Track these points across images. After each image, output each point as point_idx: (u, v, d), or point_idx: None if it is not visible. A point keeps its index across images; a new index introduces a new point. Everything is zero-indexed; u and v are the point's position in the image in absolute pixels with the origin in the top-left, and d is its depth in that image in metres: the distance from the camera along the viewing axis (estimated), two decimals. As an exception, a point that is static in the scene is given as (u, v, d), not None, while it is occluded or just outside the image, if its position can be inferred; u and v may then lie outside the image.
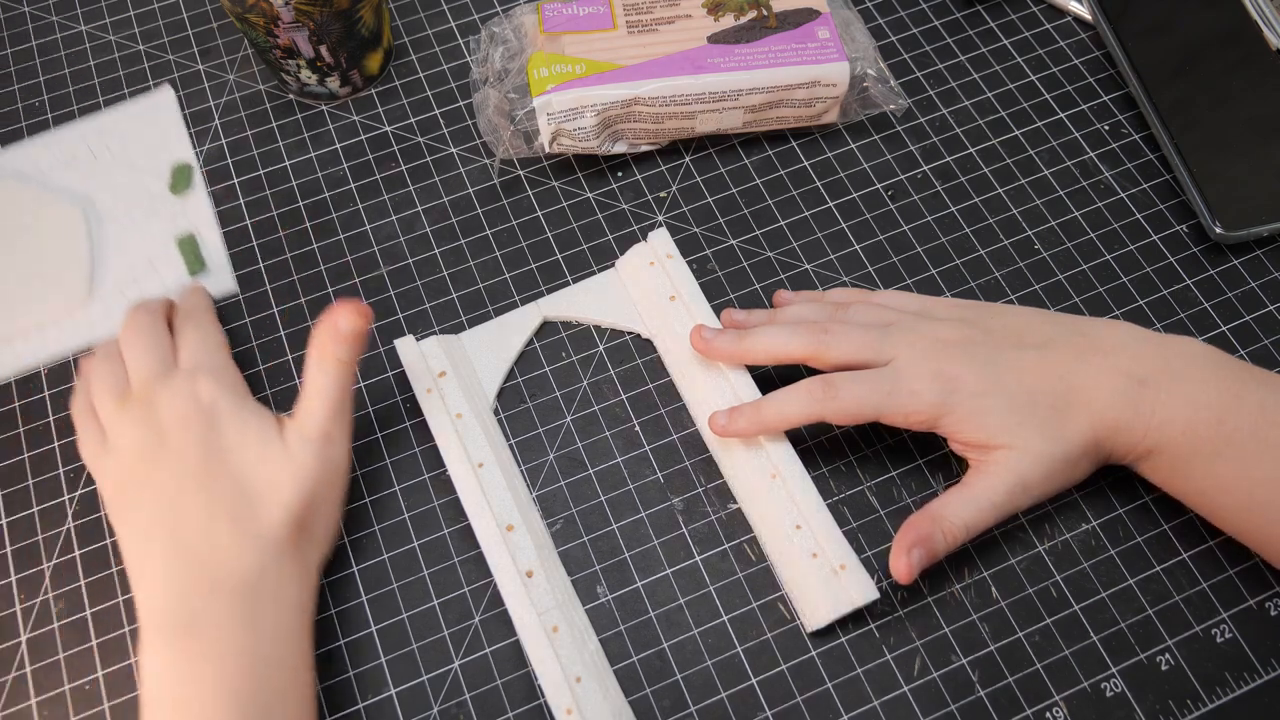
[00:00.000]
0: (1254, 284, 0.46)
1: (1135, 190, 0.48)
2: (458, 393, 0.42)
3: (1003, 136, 0.50)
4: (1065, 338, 0.38)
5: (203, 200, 0.49)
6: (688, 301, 0.43)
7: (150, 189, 0.49)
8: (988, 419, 0.37)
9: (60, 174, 0.49)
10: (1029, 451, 0.36)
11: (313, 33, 0.46)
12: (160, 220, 0.48)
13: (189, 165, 0.49)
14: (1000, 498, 0.36)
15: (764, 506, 0.40)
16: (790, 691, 0.38)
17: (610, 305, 0.45)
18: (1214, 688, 0.38)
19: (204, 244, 0.47)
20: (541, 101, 0.45)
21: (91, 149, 0.49)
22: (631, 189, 0.49)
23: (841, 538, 0.39)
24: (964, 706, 0.38)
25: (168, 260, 0.47)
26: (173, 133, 0.50)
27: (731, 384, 0.41)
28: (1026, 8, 0.54)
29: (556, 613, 0.38)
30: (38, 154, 0.50)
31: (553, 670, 0.36)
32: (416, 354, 0.43)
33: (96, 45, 0.53)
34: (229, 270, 0.47)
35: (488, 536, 0.39)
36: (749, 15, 0.47)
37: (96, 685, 0.39)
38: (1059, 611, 0.39)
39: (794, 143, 0.50)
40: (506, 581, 0.38)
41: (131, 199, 0.48)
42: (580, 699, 0.36)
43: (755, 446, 0.40)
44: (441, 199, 0.49)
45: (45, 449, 0.43)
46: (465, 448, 0.41)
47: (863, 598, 0.38)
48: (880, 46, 0.52)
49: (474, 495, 0.40)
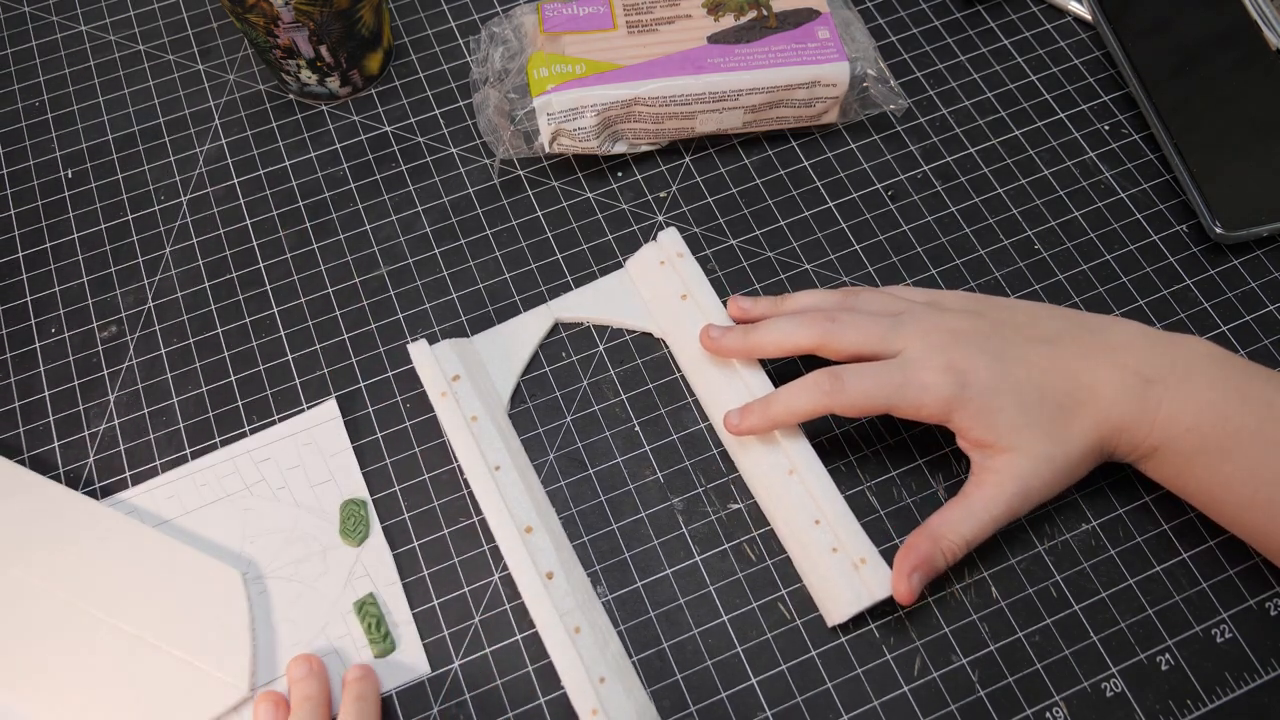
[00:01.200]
0: (1254, 284, 0.46)
1: (1135, 190, 0.48)
2: (472, 396, 0.42)
3: (1003, 136, 0.50)
4: (1073, 333, 0.38)
5: (382, 550, 0.40)
6: (699, 300, 0.43)
7: (318, 536, 0.40)
8: (997, 418, 0.36)
9: (210, 515, 0.41)
10: (1033, 456, 0.36)
11: (313, 33, 0.46)
12: (331, 578, 0.40)
13: (363, 503, 0.41)
14: (1000, 510, 0.36)
15: (782, 502, 0.40)
16: (790, 691, 0.38)
17: (621, 306, 0.45)
18: (1214, 688, 0.38)
19: (387, 610, 0.39)
20: (541, 101, 0.45)
21: (246, 483, 0.41)
22: (631, 189, 0.49)
23: (861, 531, 0.39)
24: (964, 706, 0.38)
25: (345, 631, 0.39)
26: (339, 458, 0.42)
27: (744, 380, 0.42)
28: (1026, 8, 0.54)
29: (578, 614, 0.38)
30: (185, 489, 0.41)
31: (576, 672, 0.36)
32: (430, 358, 0.42)
33: (96, 45, 0.54)
34: (418, 645, 0.39)
35: (507, 539, 0.39)
36: (749, 15, 0.47)
37: None
38: (1059, 611, 0.39)
39: (794, 143, 0.50)
40: (527, 584, 0.38)
41: (297, 549, 0.40)
42: (605, 699, 0.36)
43: (772, 443, 0.40)
44: (441, 199, 0.49)
45: None
46: (481, 451, 0.40)
47: (883, 591, 0.38)
48: (880, 46, 0.52)
49: (492, 498, 0.39)
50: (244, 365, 0.45)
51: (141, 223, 0.48)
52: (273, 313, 0.46)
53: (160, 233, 0.48)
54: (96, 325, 0.46)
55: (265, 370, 0.45)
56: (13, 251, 0.48)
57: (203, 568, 0.39)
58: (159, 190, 0.49)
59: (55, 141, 0.51)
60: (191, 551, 0.40)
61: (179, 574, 0.39)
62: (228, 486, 0.42)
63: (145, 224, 0.48)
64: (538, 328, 0.45)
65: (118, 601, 0.38)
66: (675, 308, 0.44)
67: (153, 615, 0.38)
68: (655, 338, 0.45)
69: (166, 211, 0.49)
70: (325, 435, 0.42)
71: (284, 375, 0.45)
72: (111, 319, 0.46)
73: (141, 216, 0.49)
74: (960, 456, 0.42)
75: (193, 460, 0.42)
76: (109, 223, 0.48)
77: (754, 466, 0.41)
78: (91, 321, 0.46)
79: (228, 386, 0.44)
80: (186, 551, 0.40)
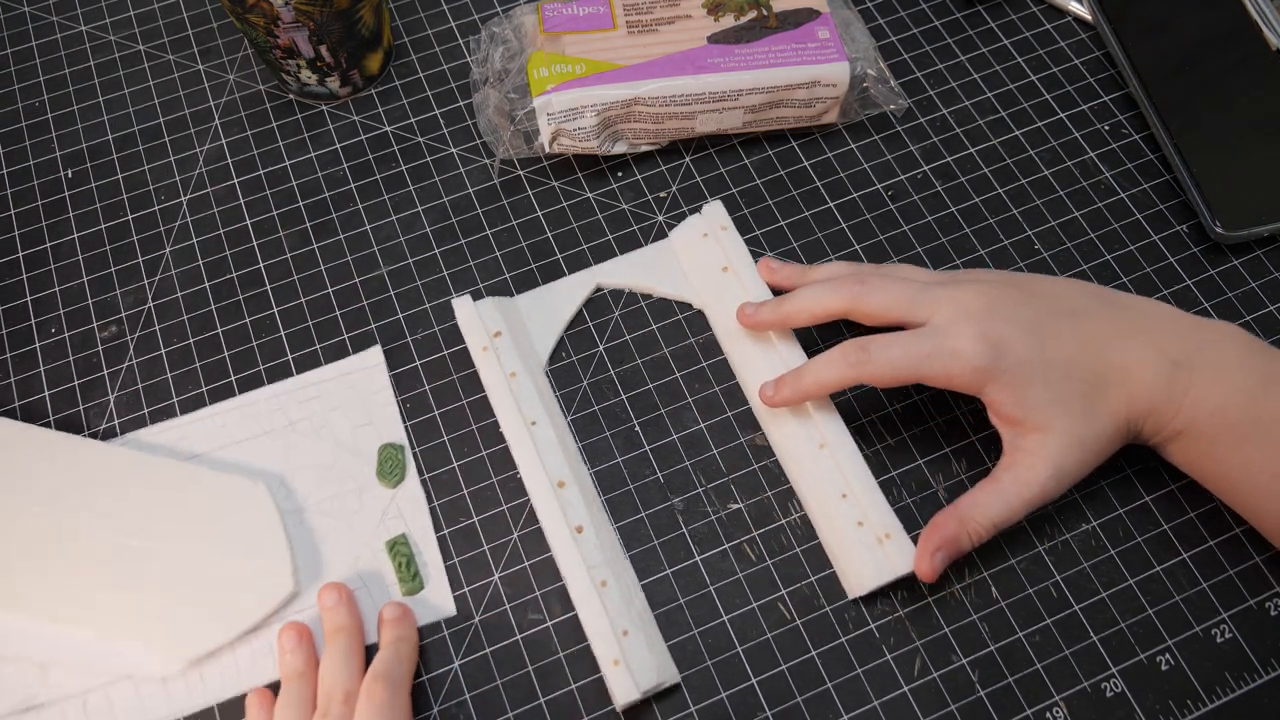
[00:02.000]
0: (1254, 284, 0.46)
1: (1135, 190, 0.48)
2: (512, 352, 0.43)
3: (1003, 136, 0.50)
4: (1102, 310, 0.38)
5: (416, 494, 0.42)
6: (740, 273, 0.44)
7: (355, 475, 0.42)
8: (1028, 393, 0.36)
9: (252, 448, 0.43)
10: (1065, 435, 0.36)
11: (313, 33, 0.46)
12: (365, 516, 0.41)
13: (400, 448, 0.42)
14: (1033, 493, 0.36)
15: (811, 475, 0.40)
16: (790, 691, 0.38)
17: (662, 275, 0.46)
18: (1214, 688, 0.38)
19: (418, 550, 0.40)
20: (541, 101, 0.45)
21: (290, 419, 0.43)
22: (631, 189, 0.49)
23: (888, 507, 0.39)
24: (964, 706, 0.38)
25: (374, 568, 0.40)
26: (381, 402, 0.43)
27: (780, 353, 0.42)
28: (1026, 8, 0.53)
29: (605, 568, 0.39)
30: (232, 422, 0.43)
31: (601, 623, 0.37)
32: (473, 314, 0.43)
33: (96, 45, 0.54)
34: (446, 586, 0.40)
35: (539, 492, 0.40)
36: (749, 15, 0.47)
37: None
38: (1059, 611, 0.39)
39: (794, 143, 0.50)
40: (557, 537, 0.39)
41: (334, 486, 0.42)
42: (626, 651, 0.37)
43: (804, 416, 0.41)
44: (441, 199, 0.49)
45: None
46: (519, 406, 0.41)
47: (906, 566, 0.38)
48: (880, 46, 0.52)
49: (527, 451, 0.40)
50: (244, 365, 0.45)
51: (141, 223, 0.48)
52: (273, 313, 0.46)
53: (160, 233, 0.48)
54: (96, 325, 0.46)
55: (265, 370, 0.45)
56: (13, 251, 0.48)
57: (227, 485, 0.41)
58: (159, 190, 0.49)
59: (55, 141, 0.51)
60: (213, 473, 0.41)
61: (207, 496, 0.41)
62: (272, 421, 0.43)
63: (145, 224, 0.48)
64: (578, 291, 0.46)
65: (155, 531, 0.40)
66: (716, 280, 0.44)
67: (191, 538, 0.40)
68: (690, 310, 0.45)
69: (166, 211, 0.49)
70: (368, 380, 0.44)
71: (284, 375, 0.44)
72: (111, 319, 0.46)
73: (141, 216, 0.49)
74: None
75: (239, 395, 0.44)
76: (109, 223, 0.48)
77: (785, 439, 0.41)
78: (91, 321, 0.46)
79: (228, 386, 0.44)
80: (209, 474, 0.41)
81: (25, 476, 0.41)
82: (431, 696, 0.38)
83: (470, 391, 0.44)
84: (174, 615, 0.39)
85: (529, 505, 0.41)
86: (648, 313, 0.46)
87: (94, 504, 0.40)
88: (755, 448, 0.43)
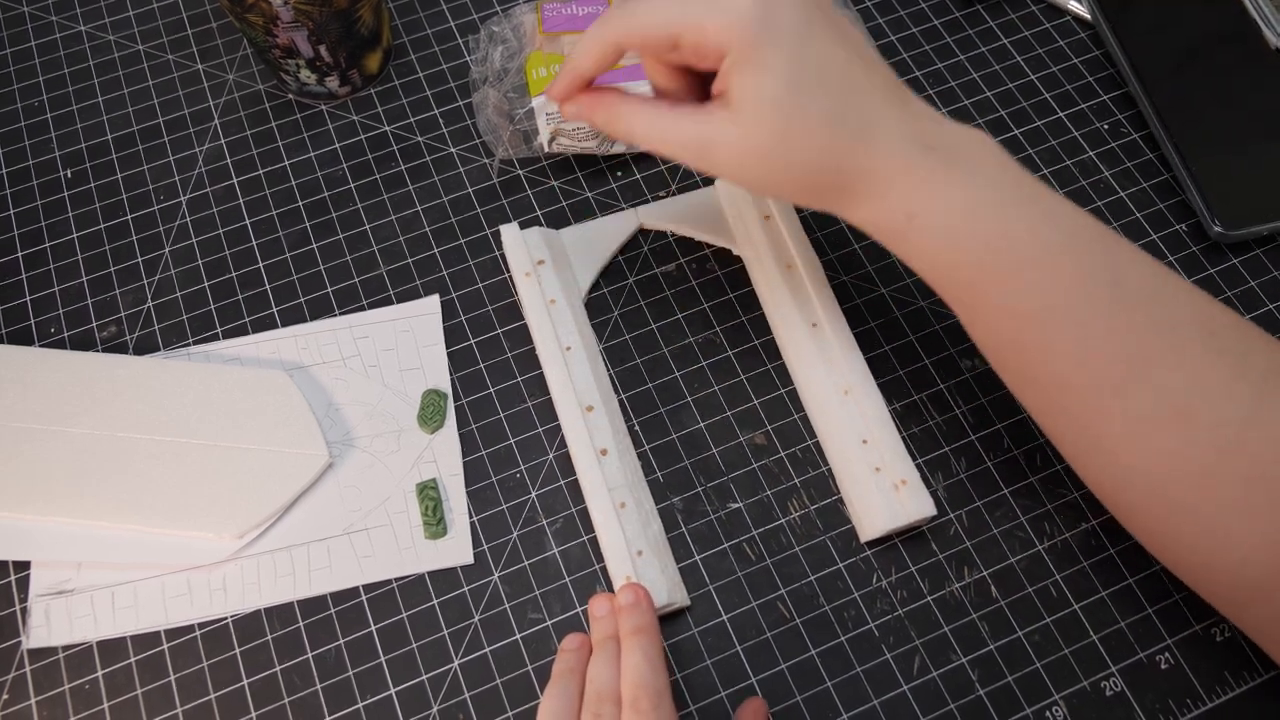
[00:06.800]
0: (1254, 283, 0.46)
1: (1135, 189, 0.48)
2: (554, 280, 0.44)
3: (1002, 136, 0.50)
4: (887, 77, 0.33)
5: (452, 442, 0.43)
6: (781, 222, 0.45)
7: (397, 417, 0.43)
8: (764, 77, 0.31)
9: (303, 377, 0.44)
10: (768, 135, 0.32)
11: (312, 32, 0.46)
12: (401, 457, 0.42)
13: (443, 395, 0.43)
14: (691, 144, 0.33)
15: (834, 419, 0.41)
16: (790, 691, 0.38)
17: (705, 220, 0.47)
18: (1214, 687, 0.38)
19: (446, 495, 0.41)
20: (540, 101, 0.45)
21: (344, 355, 0.44)
22: (631, 189, 0.49)
23: (906, 455, 0.40)
24: (964, 706, 0.38)
25: (402, 508, 0.41)
26: (431, 351, 0.44)
27: (815, 304, 0.43)
28: (1026, 7, 0.54)
29: (625, 491, 0.40)
30: (286, 347, 0.45)
31: (616, 541, 0.39)
32: (519, 240, 0.45)
33: (96, 45, 0.54)
34: (467, 536, 0.41)
35: (568, 414, 0.41)
36: (748, 15, 0.47)
37: (96, 685, 0.39)
38: (1059, 611, 0.39)
39: (793, 142, 0.50)
40: (582, 456, 0.40)
41: (376, 422, 0.43)
42: (640, 570, 0.38)
43: (829, 363, 0.42)
44: (441, 199, 0.49)
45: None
46: (556, 331, 0.43)
47: (920, 512, 0.39)
48: (880, 46, 0.52)
49: (559, 374, 0.42)
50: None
51: (141, 222, 0.48)
52: (272, 312, 0.46)
53: (160, 232, 0.48)
54: (96, 325, 0.46)
55: (265, 370, 0.45)
56: (13, 251, 0.48)
57: (251, 377, 0.43)
58: (158, 190, 0.49)
59: (55, 141, 0.51)
60: (236, 369, 0.43)
61: (233, 389, 0.43)
62: (326, 354, 0.45)
63: (144, 224, 0.48)
64: (622, 229, 0.47)
65: (191, 424, 0.42)
66: (757, 229, 0.45)
67: (225, 426, 0.42)
68: (728, 258, 0.45)
69: (166, 211, 0.49)
70: (422, 327, 0.45)
71: (283, 375, 0.45)
72: (111, 319, 0.46)
73: (141, 216, 0.49)
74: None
75: (296, 325, 0.46)
76: (108, 222, 0.48)
77: (810, 383, 0.42)
78: (91, 321, 0.46)
79: (227, 386, 0.44)
80: (232, 370, 0.43)
81: (55, 396, 0.42)
82: (432, 697, 0.38)
83: (476, 387, 0.44)
84: (222, 498, 0.41)
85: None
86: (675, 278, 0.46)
87: (130, 410, 0.42)
88: (755, 446, 0.43)
